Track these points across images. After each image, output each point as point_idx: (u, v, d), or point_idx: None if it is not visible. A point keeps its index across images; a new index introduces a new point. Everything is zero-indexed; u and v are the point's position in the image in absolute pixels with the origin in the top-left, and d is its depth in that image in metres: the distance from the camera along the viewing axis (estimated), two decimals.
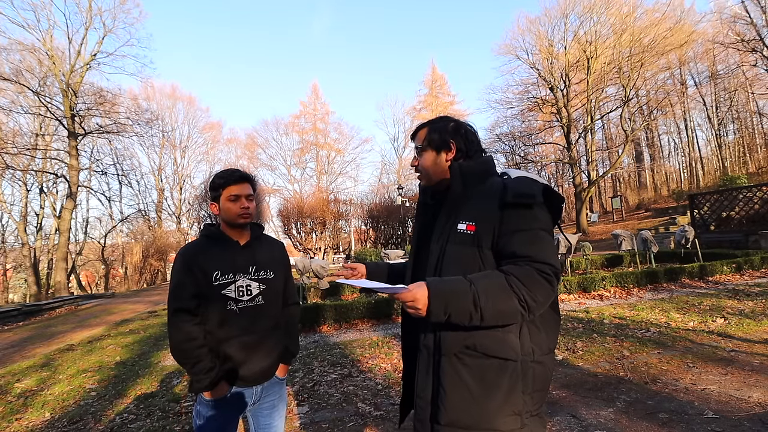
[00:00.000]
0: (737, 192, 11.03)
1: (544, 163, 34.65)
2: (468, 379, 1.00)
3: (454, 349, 1.02)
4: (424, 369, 1.08)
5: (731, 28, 20.15)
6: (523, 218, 1.00)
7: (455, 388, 1.01)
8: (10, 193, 22.95)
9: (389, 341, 4.71)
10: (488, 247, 1.03)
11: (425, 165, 1.20)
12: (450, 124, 1.20)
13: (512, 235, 0.99)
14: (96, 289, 24.69)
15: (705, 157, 30.08)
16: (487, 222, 1.02)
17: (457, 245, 1.05)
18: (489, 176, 1.14)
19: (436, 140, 1.18)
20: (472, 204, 1.08)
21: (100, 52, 17.65)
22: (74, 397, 3.70)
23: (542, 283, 0.94)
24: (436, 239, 1.11)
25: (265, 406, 1.48)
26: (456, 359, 1.02)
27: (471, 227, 1.04)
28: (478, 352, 1.00)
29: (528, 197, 0.99)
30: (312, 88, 39.46)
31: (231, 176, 1.43)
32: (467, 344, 1.01)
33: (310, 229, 23.09)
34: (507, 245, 1.00)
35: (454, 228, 1.07)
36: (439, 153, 1.18)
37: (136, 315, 8.77)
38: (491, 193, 1.06)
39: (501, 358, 0.99)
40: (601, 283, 6.70)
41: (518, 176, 1.08)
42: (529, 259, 0.96)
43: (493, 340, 1.00)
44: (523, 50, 24.26)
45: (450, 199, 1.12)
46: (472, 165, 1.14)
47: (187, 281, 1.34)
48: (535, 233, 0.99)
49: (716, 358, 3.43)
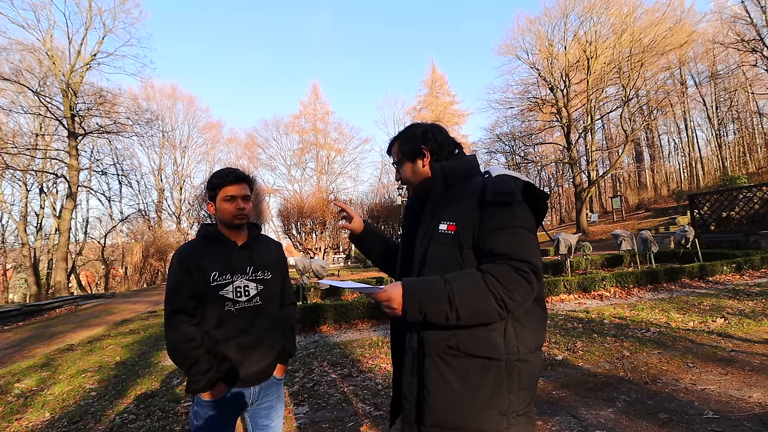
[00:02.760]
0: (737, 192, 11.03)
1: (544, 163, 34.66)
2: (452, 380, 0.99)
3: (437, 349, 1.01)
4: (409, 370, 1.08)
5: (731, 28, 20.16)
6: (501, 216, 0.99)
7: (439, 389, 1.00)
8: (10, 193, 23.01)
9: (389, 341, 4.70)
10: (469, 246, 1.02)
11: (406, 176, 1.24)
12: (417, 131, 1.22)
13: (491, 233, 0.99)
14: (96, 289, 24.69)
15: (705, 157, 30.07)
16: (467, 221, 1.02)
17: (438, 246, 1.06)
18: (472, 176, 1.13)
19: (408, 151, 1.22)
20: (452, 204, 1.08)
21: (100, 52, 17.65)
22: (74, 397, 3.70)
23: (520, 282, 0.92)
24: (420, 241, 1.12)
25: (263, 406, 1.47)
26: (439, 359, 1.01)
27: (451, 227, 1.04)
28: (461, 352, 0.99)
29: (507, 195, 0.99)
30: (312, 88, 39.53)
31: (227, 176, 1.41)
32: (450, 344, 1.00)
33: (310, 229, 23.10)
34: (485, 244, 0.99)
35: (436, 229, 1.07)
36: (415, 161, 1.21)
37: (136, 315, 8.77)
38: (471, 192, 1.06)
39: (484, 357, 0.98)
40: (601, 283, 6.70)
41: (498, 174, 1.08)
42: (506, 257, 0.95)
43: (476, 339, 0.98)
44: (523, 50, 24.30)
45: (431, 200, 1.12)
46: (454, 165, 1.14)
47: (184, 281, 1.33)
48: (514, 231, 0.98)
49: (716, 358, 3.42)
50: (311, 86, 44.55)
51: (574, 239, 8.68)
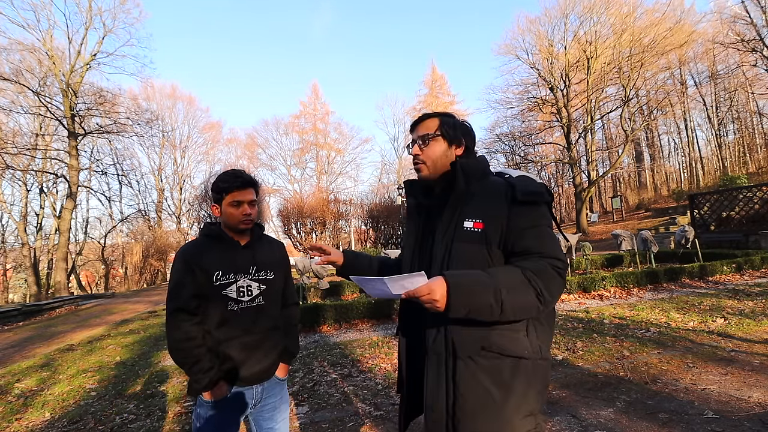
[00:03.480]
0: (737, 192, 11.03)
1: (544, 163, 34.64)
2: (486, 382, 0.97)
3: (469, 351, 0.99)
4: (434, 376, 1.03)
5: (731, 28, 20.15)
6: (532, 215, 1.02)
7: (474, 393, 0.97)
8: (10, 193, 22.96)
9: (389, 341, 4.71)
10: (496, 244, 1.02)
11: (433, 154, 1.16)
12: (458, 122, 1.22)
13: (523, 231, 1.00)
14: (96, 289, 24.67)
15: (705, 157, 30.06)
16: (495, 219, 1.02)
17: (463, 243, 1.04)
18: (487, 175, 1.15)
19: (450, 133, 1.17)
20: (476, 202, 1.07)
21: (100, 52, 17.64)
22: (74, 397, 3.70)
23: (556, 277, 0.96)
24: (440, 238, 1.09)
25: (266, 408, 1.47)
26: (471, 361, 0.99)
27: (478, 225, 1.03)
28: (494, 352, 0.98)
29: (537, 195, 1.02)
30: (312, 88, 39.44)
31: (234, 181, 1.39)
32: (484, 345, 0.98)
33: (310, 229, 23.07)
34: (518, 241, 1.01)
35: (460, 226, 1.05)
36: (450, 146, 1.17)
37: (136, 315, 8.77)
38: (495, 191, 1.06)
39: (516, 356, 0.99)
40: (601, 283, 6.69)
41: (521, 175, 1.10)
42: (541, 255, 0.98)
43: (507, 339, 0.99)
44: (523, 50, 24.26)
45: (454, 197, 1.09)
46: (472, 163, 1.15)
47: (187, 281, 1.33)
48: (544, 230, 1.02)
49: (716, 358, 3.42)
50: (311, 86, 44.49)
51: (574, 239, 8.69)
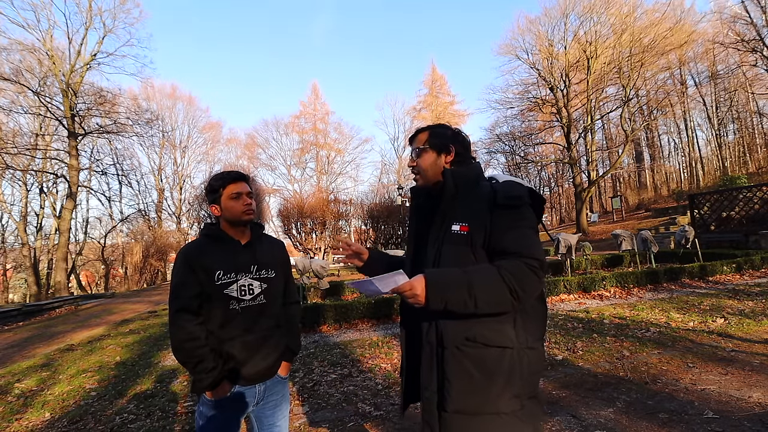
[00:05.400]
0: (737, 192, 11.04)
1: (544, 163, 34.67)
2: (471, 369, 1.09)
3: (455, 341, 1.10)
4: (427, 363, 1.15)
5: (731, 28, 20.17)
6: (512, 218, 1.10)
7: (459, 378, 1.09)
8: (10, 193, 22.96)
9: (389, 341, 4.71)
10: (481, 245, 1.12)
11: (424, 165, 1.28)
12: (449, 131, 1.31)
13: (503, 233, 1.09)
14: (96, 289, 24.68)
15: (705, 157, 30.05)
16: (479, 222, 1.12)
17: (451, 245, 1.14)
18: (480, 181, 1.24)
19: (437, 143, 1.27)
20: (464, 206, 1.17)
21: (100, 52, 17.67)
22: (74, 397, 3.70)
23: (530, 275, 1.03)
24: (433, 241, 1.19)
25: (268, 406, 1.48)
26: (458, 350, 1.10)
27: (464, 228, 1.13)
28: (478, 343, 1.09)
29: (516, 199, 1.11)
30: (312, 88, 39.43)
31: (228, 175, 1.46)
32: (468, 336, 1.09)
33: (310, 229, 23.05)
34: (498, 242, 1.09)
35: (449, 229, 1.16)
36: (439, 155, 1.27)
37: (136, 315, 8.77)
38: (481, 196, 1.16)
39: (499, 346, 1.08)
40: (602, 283, 6.70)
41: (506, 180, 1.19)
42: (518, 255, 1.05)
43: (491, 330, 1.09)
44: (523, 50, 24.25)
45: (444, 202, 1.20)
46: (463, 170, 1.24)
47: (188, 280, 1.34)
48: (523, 231, 1.10)
49: (716, 358, 3.43)
50: (311, 86, 44.51)
51: (574, 239, 8.67)
